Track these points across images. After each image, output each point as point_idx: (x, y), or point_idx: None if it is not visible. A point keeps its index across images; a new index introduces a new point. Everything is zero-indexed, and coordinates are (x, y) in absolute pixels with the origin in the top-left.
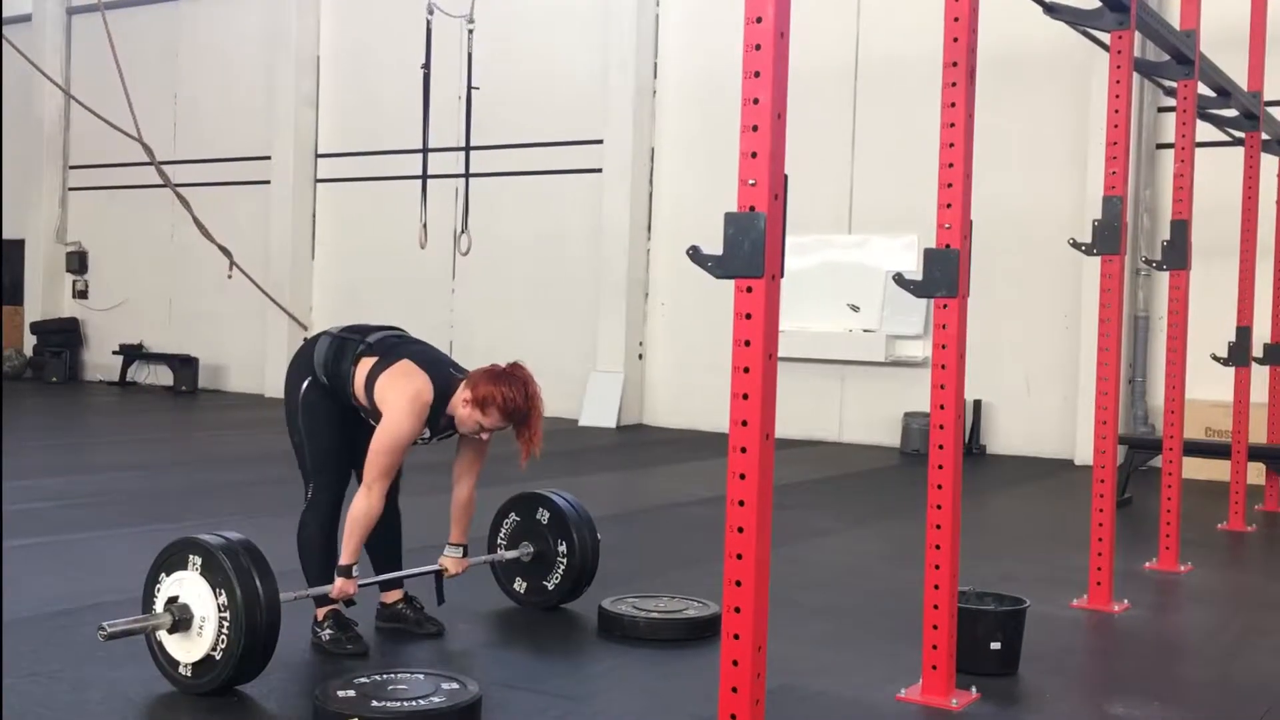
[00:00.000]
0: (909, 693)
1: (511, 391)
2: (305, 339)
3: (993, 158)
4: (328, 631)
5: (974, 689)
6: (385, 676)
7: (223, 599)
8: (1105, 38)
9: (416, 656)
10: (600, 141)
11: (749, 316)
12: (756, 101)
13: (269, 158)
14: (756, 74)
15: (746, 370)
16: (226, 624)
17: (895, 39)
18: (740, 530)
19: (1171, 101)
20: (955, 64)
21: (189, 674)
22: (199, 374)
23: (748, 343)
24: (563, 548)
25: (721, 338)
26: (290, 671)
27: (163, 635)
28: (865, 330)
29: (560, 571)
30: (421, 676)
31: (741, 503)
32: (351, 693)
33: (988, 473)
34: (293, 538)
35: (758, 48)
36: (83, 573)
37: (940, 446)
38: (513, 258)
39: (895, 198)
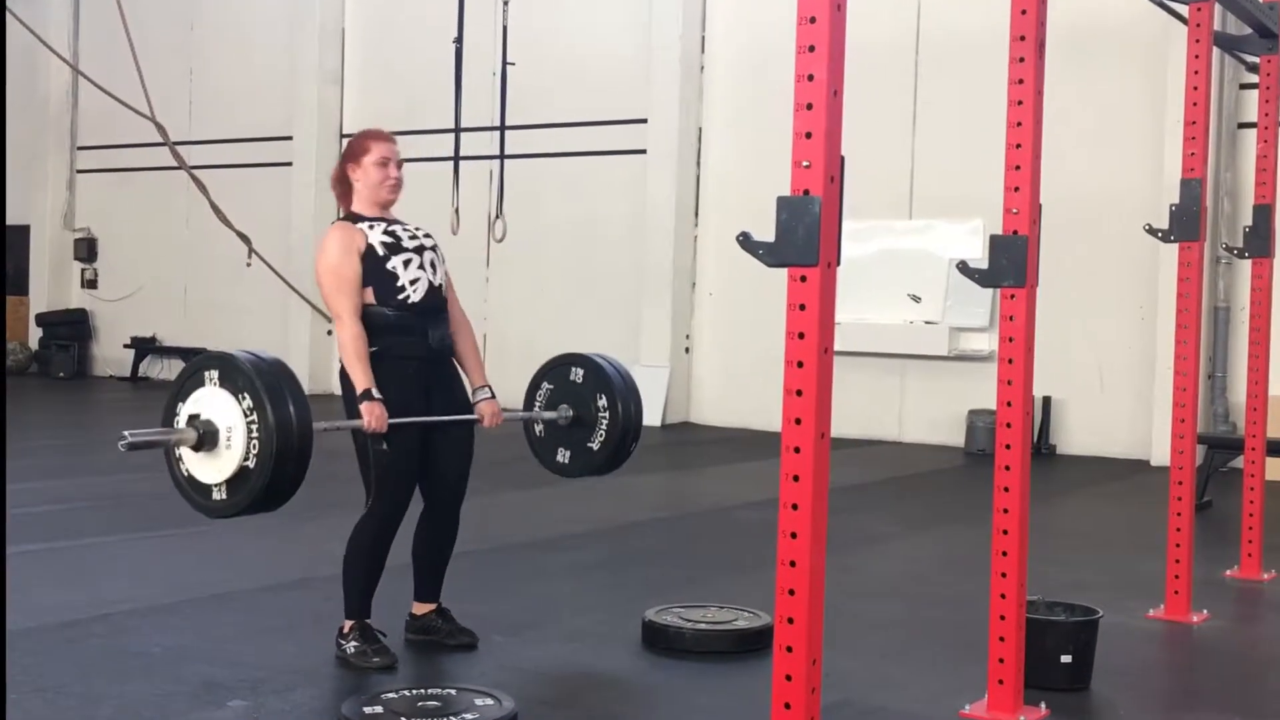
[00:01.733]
0: (974, 709)
1: (368, 129)
2: None
3: (1063, 138)
4: (353, 644)
5: (1043, 705)
6: (415, 692)
7: (246, 403)
8: (1183, 10)
9: (448, 670)
10: (644, 121)
11: (803, 307)
12: (811, 78)
13: (290, 138)
14: (811, 48)
15: (800, 365)
16: (255, 428)
17: (959, 11)
18: (794, 536)
19: (1254, 78)
20: (1023, 37)
21: (224, 495)
22: None
23: (802, 335)
24: (602, 401)
25: (773, 330)
26: (314, 686)
27: (190, 460)
28: (927, 322)
29: (604, 428)
30: (454, 692)
31: (795, 506)
32: (379, 709)
33: (1058, 474)
34: (312, 542)
35: (812, 20)
36: (91, 581)
37: (1007, 446)
38: (551, 245)
39: (959, 180)
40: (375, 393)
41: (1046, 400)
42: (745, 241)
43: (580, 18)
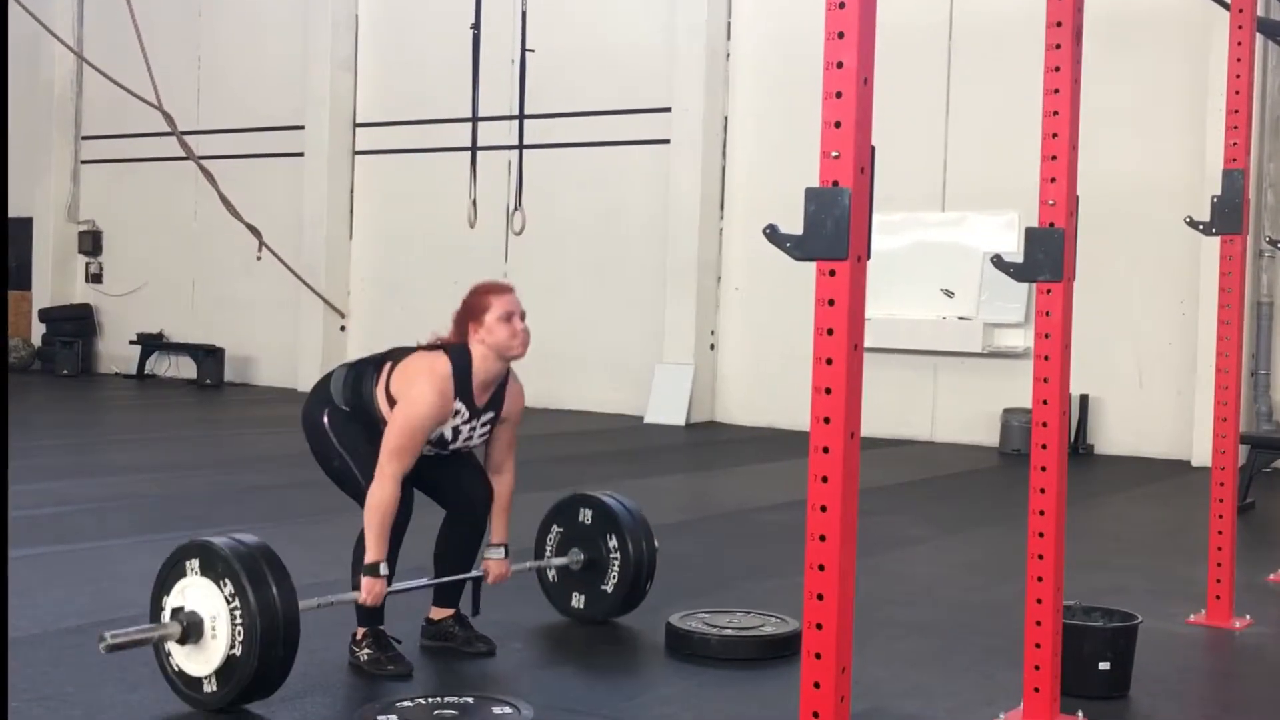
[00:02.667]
0: (1008, 717)
1: (484, 283)
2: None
3: (1101, 127)
4: (366, 651)
5: (1080, 713)
6: (430, 700)
7: (228, 589)
8: None
9: (465, 678)
10: (668, 110)
11: (832, 303)
12: (840, 65)
13: (302, 127)
14: (840, 35)
15: (829, 362)
16: (239, 614)
17: None
18: (822, 539)
19: None
20: (1059, 23)
21: (215, 686)
22: (225, 366)
23: (830, 331)
24: (613, 542)
25: (801, 326)
26: (326, 694)
27: (178, 655)
28: (960, 318)
29: (615, 570)
30: (470, 700)
31: (824, 508)
32: (393, 717)
33: (1095, 475)
34: (327, 546)
35: (842, 5)
36: (96, 585)
37: (1043, 446)
38: (571, 238)
39: (993, 171)
40: (383, 568)
41: (1084, 398)
42: (772, 234)
43: (602, 3)
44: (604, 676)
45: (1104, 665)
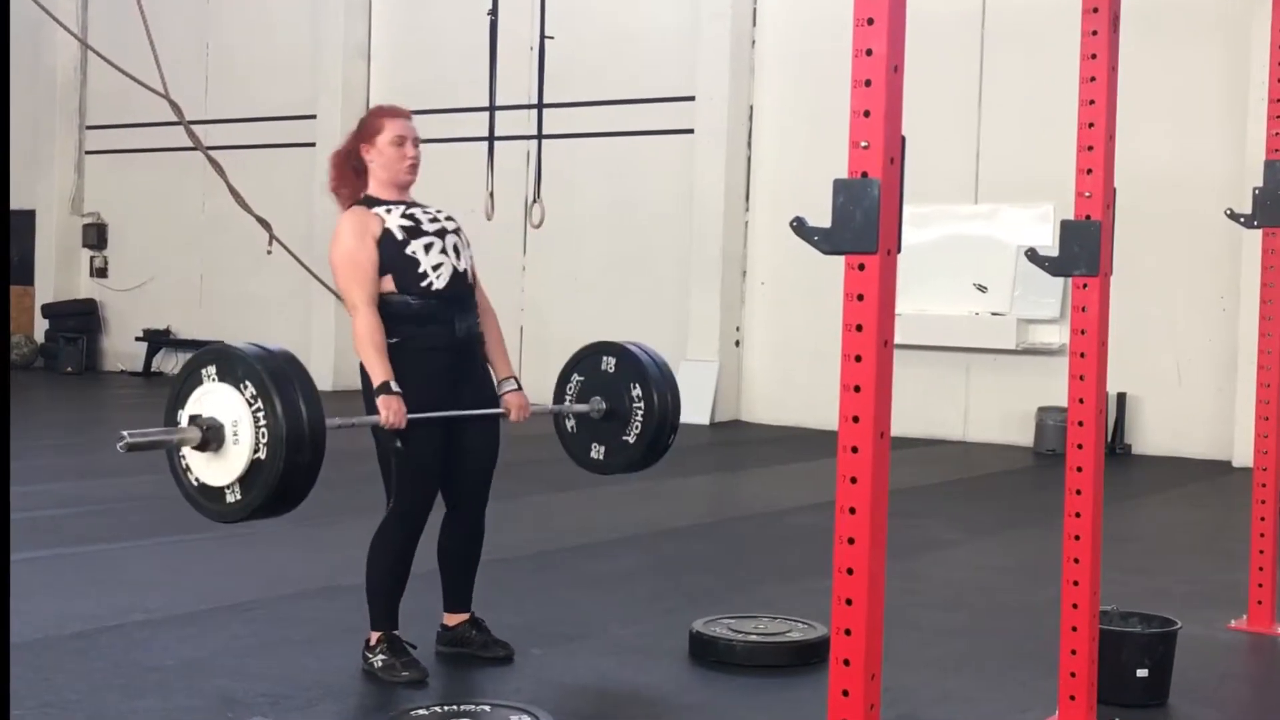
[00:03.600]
0: None
1: (382, 106)
2: None
3: (1139, 117)
4: (380, 657)
5: None
6: (446, 708)
7: (249, 391)
8: None
9: (482, 685)
10: (692, 98)
11: (861, 298)
12: (869, 53)
13: (314, 116)
14: (870, 21)
15: (858, 359)
16: (262, 415)
17: None
18: (851, 541)
19: None
20: (1096, 9)
21: (238, 495)
22: None
23: (860, 327)
24: (636, 391)
25: (830, 322)
26: (338, 702)
27: (197, 466)
28: (993, 313)
29: (639, 419)
30: (488, 708)
31: (852, 510)
32: None
33: (1133, 475)
34: (341, 548)
35: None
36: (101, 589)
37: (1079, 446)
38: (592, 231)
39: (1028, 162)
40: (394, 385)
41: (1121, 397)
42: (799, 227)
43: None
44: (626, 684)
45: (1142, 672)
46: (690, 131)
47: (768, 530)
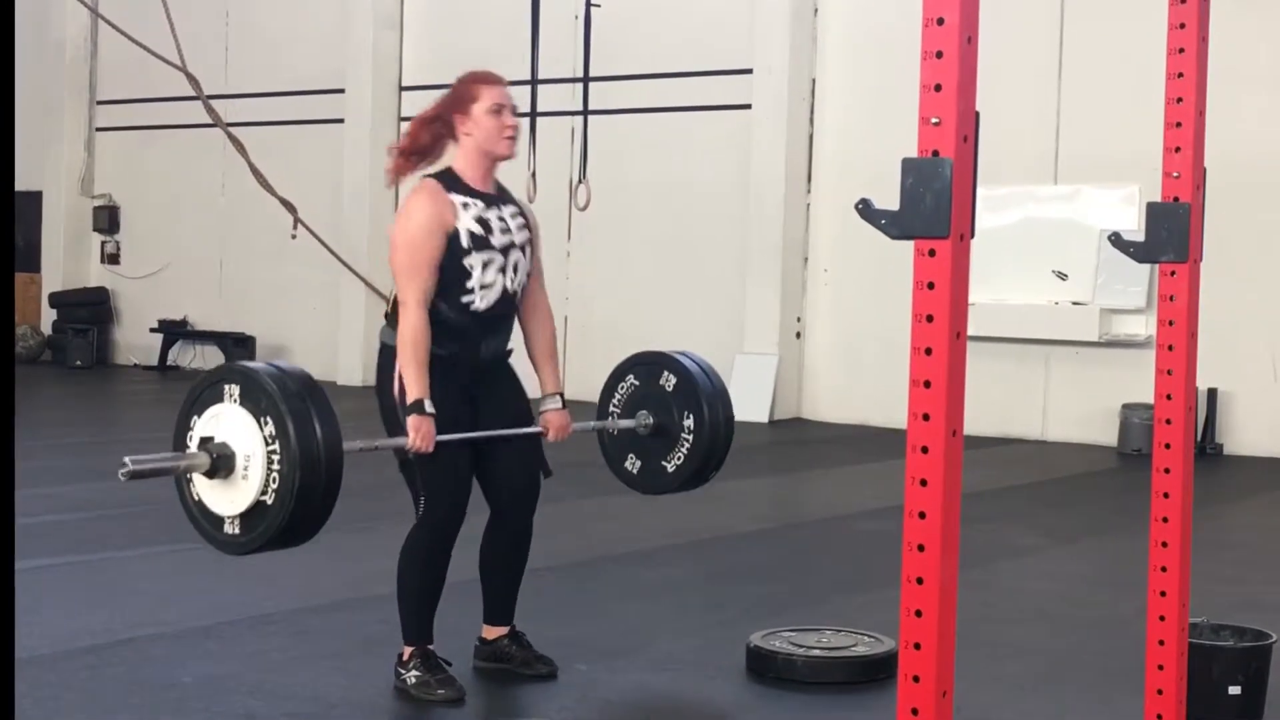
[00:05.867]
0: None
1: (475, 72)
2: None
3: (1233, 90)
4: (414, 673)
5: None
6: None
7: (269, 429)
8: None
9: (523, 703)
10: (749, 71)
11: (931, 286)
12: (941, 22)
13: (342, 91)
14: None
15: (928, 352)
16: (277, 459)
17: None
18: (920, 549)
19: None
20: None
21: (237, 530)
22: (256, 356)
23: (930, 318)
24: (689, 422)
25: (898, 312)
26: None
27: (201, 486)
28: (1075, 303)
29: (684, 451)
30: None
31: (922, 515)
32: None
33: (1224, 477)
34: (369, 558)
35: None
36: (113, 600)
37: (1166, 445)
38: (641, 214)
39: (1112, 140)
40: (428, 406)
41: (1212, 393)
42: (865, 210)
43: None
44: (679, 701)
45: (1235, 689)
46: (747, 107)
47: (831, 536)
